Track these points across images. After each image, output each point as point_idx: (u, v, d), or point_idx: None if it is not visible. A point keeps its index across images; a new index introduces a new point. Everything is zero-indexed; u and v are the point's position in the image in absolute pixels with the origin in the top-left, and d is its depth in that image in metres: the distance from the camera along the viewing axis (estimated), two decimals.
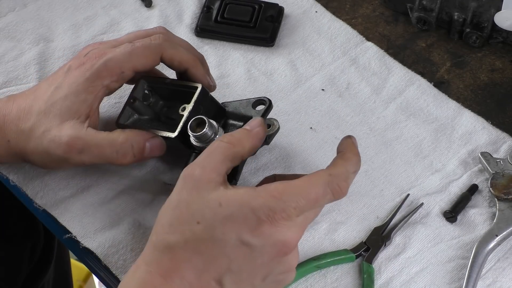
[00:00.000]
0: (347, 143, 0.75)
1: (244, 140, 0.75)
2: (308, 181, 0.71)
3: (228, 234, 0.69)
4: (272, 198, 0.70)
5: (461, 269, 0.83)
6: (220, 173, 0.72)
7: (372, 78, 0.98)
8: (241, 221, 0.69)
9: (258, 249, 0.70)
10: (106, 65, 0.82)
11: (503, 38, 0.99)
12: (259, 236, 0.69)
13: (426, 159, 0.91)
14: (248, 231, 0.69)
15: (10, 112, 0.84)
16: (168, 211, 0.71)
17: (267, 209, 0.69)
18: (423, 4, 1.00)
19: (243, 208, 0.69)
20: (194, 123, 0.79)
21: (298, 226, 0.71)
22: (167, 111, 0.86)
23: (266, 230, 0.69)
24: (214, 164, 0.72)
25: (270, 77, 0.98)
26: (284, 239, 0.70)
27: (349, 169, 0.73)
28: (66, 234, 0.86)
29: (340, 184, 0.72)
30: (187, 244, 0.69)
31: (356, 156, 0.74)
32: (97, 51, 0.84)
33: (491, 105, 0.96)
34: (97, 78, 0.82)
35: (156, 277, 0.70)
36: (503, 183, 0.87)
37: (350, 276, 0.83)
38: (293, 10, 1.04)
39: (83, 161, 0.83)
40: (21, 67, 0.99)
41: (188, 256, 0.69)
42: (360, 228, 0.86)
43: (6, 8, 1.05)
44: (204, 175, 0.71)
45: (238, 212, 0.69)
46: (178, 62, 0.85)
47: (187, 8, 1.05)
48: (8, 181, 0.89)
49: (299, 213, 0.70)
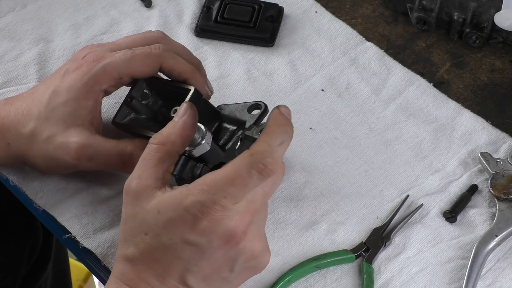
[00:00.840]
0: (272, 115, 0.73)
1: (173, 135, 0.73)
2: (232, 166, 0.70)
3: (173, 238, 0.69)
4: (201, 192, 0.69)
5: (461, 269, 0.83)
6: (157, 178, 0.71)
7: (371, 78, 0.98)
8: (179, 223, 0.69)
9: (206, 245, 0.69)
10: (105, 69, 0.82)
11: (503, 38, 0.99)
12: (202, 234, 0.69)
13: (426, 159, 0.91)
14: (189, 231, 0.69)
15: (8, 114, 0.84)
16: (121, 227, 0.73)
17: (199, 205, 0.69)
18: (423, 4, 1.00)
19: (177, 210, 0.69)
20: None
21: (239, 213, 0.69)
22: (165, 111, 0.86)
23: (205, 226, 0.69)
24: (148, 171, 0.72)
25: (270, 77, 0.98)
26: (227, 230, 0.69)
27: (273, 143, 0.71)
28: (65, 234, 0.86)
29: (264, 161, 0.69)
30: (142, 255, 0.70)
31: (280, 126, 0.72)
32: (95, 54, 0.83)
33: (491, 105, 0.96)
34: (95, 82, 0.82)
35: (124, 287, 0.71)
36: (503, 183, 0.87)
37: (350, 277, 0.83)
38: (293, 10, 1.04)
39: (91, 167, 0.84)
40: (21, 67, 0.99)
41: (147, 265, 0.70)
42: (360, 228, 0.86)
43: (6, 8, 1.05)
44: (141, 185, 0.71)
45: (174, 215, 0.69)
46: (178, 73, 0.84)
47: (187, 8, 1.05)
48: (8, 181, 0.89)
49: (233, 200, 0.69)
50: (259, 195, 0.71)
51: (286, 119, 0.72)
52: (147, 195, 0.71)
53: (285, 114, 0.73)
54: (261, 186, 0.70)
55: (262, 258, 0.73)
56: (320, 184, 0.89)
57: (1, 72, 0.99)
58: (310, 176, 0.90)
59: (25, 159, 0.85)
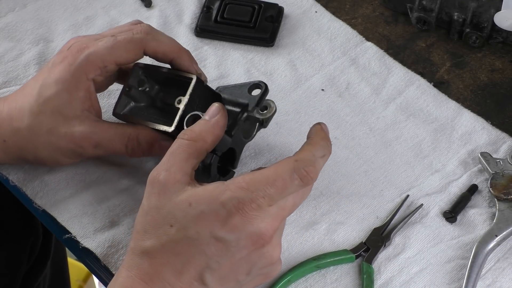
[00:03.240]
0: (315, 129, 0.76)
1: (205, 133, 0.75)
2: (275, 169, 0.71)
3: (201, 232, 0.69)
4: (240, 189, 0.70)
5: (461, 269, 0.83)
6: (186, 173, 0.72)
7: (372, 78, 0.98)
8: (212, 217, 0.69)
9: (233, 243, 0.70)
10: (88, 59, 0.82)
11: (503, 38, 0.99)
12: (232, 230, 0.69)
13: (426, 159, 0.91)
14: (220, 226, 0.69)
15: (1, 112, 0.84)
16: (141, 218, 0.72)
17: (235, 201, 0.69)
18: (423, 4, 1.00)
19: (212, 204, 0.69)
20: (190, 119, 0.79)
21: (271, 216, 0.71)
22: (163, 97, 0.86)
23: (238, 223, 0.69)
24: (178, 165, 0.72)
25: (270, 77, 0.98)
26: (257, 230, 0.70)
27: (316, 154, 0.73)
28: (65, 234, 0.86)
29: (307, 169, 0.71)
30: (163, 248, 0.70)
31: (323, 140, 0.75)
32: (79, 44, 0.83)
33: (491, 105, 0.96)
34: (81, 73, 0.82)
35: (137, 281, 0.70)
36: (503, 183, 0.87)
37: (349, 277, 0.83)
38: (293, 10, 1.04)
39: (97, 154, 0.85)
40: (21, 67, 0.99)
41: (166, 259, 0.70)
42: (359, 228, 0.86)
43: (6, 8, 1.05)
44: (170, 178, 0.71)
45: (208, 209, 0.69)
46: (162, 53, 0.84)
47: (187, 8, 1.05)
48: (8, 181, 0.89)
49: (270, 202, 0.70)
50: (290, 203, 0.72)
51: (327, 135, 0.75)
52: (176, 188, 0.71)
53: (325, 131, 0.76)
54: (294, 195, 0.72)
55: (277, 266, 0.74)
56: (320, 184, 0.89)
57: (1, 72, 0.99)
58: None
59: (25, 154, 0.85)
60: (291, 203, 0.72)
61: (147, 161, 0.90)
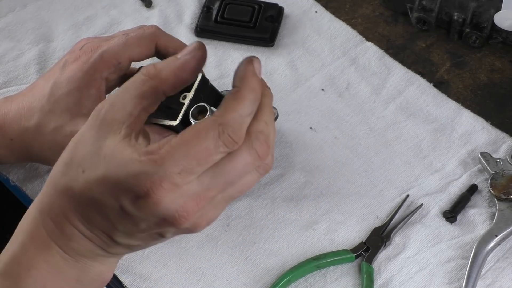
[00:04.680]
0: (243, 72, 0.63)
1: (167, 71, 0.62)
2: (196, 135, 0.59)
3: (106, 196, 0.60)
4: (151, 163, 0.58)
5: (461, 269, 0.83)
6: (129, 113, 0.61)
7: (372, 78, 0.98)
8: (119, 186, 0.59)
9: (139, 217, 0.60)
10: (102, 57, 0.82)
11: (502, 38, 0.99)
12: (140, 209, 0.59)
13: (426, 159, 0.91)
14: (127, 200, 0.59)
15: (9, 111, 0.84)
16: (70, 146, 0.63)
17: (144, 177, 0.58)
18: (422, 4, 1.00)
19: (122, 170, 0.59)
20: (196, 111, 0.79)
21: (191, 196, 0.59)
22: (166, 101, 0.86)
23: (145, 203, 0.59)
24: (124, 101, 0.61)
25: (270, 77, 0.98)
26: (169, 214, 0.59)
27: (243, 112, 0.61)
28: None
29: (233, 133, 0.60)
30: (71, 193, 0.61)
31: (252, 92, 0.62)
32: (92, 44, 0.84)
33: (491, 105, 0.96)
34: (95, 71, 0.82)
35: (48, 221, 0.63)
36: (503, 183, 0.87)
37: (349, 276, 0.83)
38: (293, 10, 1.04)
39: None
40: (21, 67, 0.99)
41: (74, 205, 0.62)
42: (359, 228, 0.86)
43: (6, 8, 1.05)
44: (109, 114, 0.61)
45: (115, 174, 0.59)
46: (173, 49, 0.85)
47: (187, 8, 1.05)
48: (8, 181, 0.90)
49: (188, 177, 0.59)
50: (221, 181, 0.60)
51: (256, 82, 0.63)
52: (109, 129, 0.61)
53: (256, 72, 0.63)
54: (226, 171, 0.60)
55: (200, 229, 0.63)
56: (320, 184, 0.89)
57: (1, 72, 0.99)
58: (310, 176, 0.90)
59: (30, 153, 0.85)
60: (222, 181, 0.60)
61: None
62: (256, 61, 0.64)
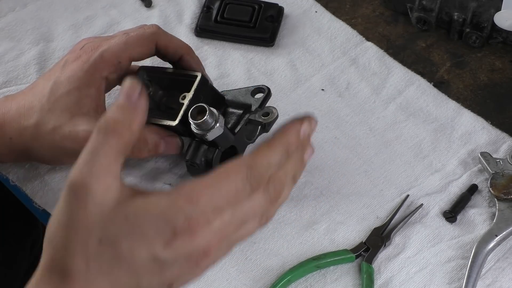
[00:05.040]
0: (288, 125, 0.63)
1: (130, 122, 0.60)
2: (227, 175, 0.60)
3: (137, 250, 0.58)
4: (189, 204, 0.58)
5: (461, 269, 0.83)
6: (116, 176, 0.59)
7: (372, 78, 0.98)
8: (153, 234, 0.58)
9: (170, 262, 0.59)
10: (103, 56, 0.83)
11: (503, 38, 0.99)
12: (173, 250, 0.58)
13: (426, 159, 0.91)
14: (160, 245, 0.58)
15: (9, 110, 0.84)
16: (60, 231, 0.59)
17: (183, 219, 0.58)
18: (423, 4, 1.00)
19: (155, 219, 0.58)
20: (195, 111, 0.80)
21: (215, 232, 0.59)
22: (166, 101, 0.87)
23: (181, 241, 0.58)
24: (106, 167, 0.58)
25: (270, 77, 0.98)
26: (198, 250, 0.59)
27: (273, 161, 0.61)
28: None
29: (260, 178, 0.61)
30: (88, 268, 0.58)
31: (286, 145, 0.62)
32: (93, 44, 0.84)
33: (491, 105, 0.96)
34: (95, 70, 0.83)
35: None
36: (503, 183, 0.87)
37: (349, 276, 0.83)
38: (293, 10, 1.04)
39: None
40: (21, 67, 0.99)
41: (91, 280, 0.58)
42: (359, 228, 0.86)
43: (6, 8, 1.05)
44: (98, 183, 0.58)
45: (149, 225, 0.58)
46: (173, 49, 0.85)
47: (187, 8, 1.05)
48: (8, 180, 0.89)
49: (219, 213, 0.59)
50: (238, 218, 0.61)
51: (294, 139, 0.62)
52: (107, 197, 0.58)
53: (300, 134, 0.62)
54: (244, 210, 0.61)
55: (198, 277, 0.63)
56: (320, 184, 0.89)
57: (1, 72, 0.99)
58: (310, 176, 0.90)
59: (30, 152, 0.85)
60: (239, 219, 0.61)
61: (147, 161, 0.90)
62: (307, 123, 0.63)
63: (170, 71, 0.87)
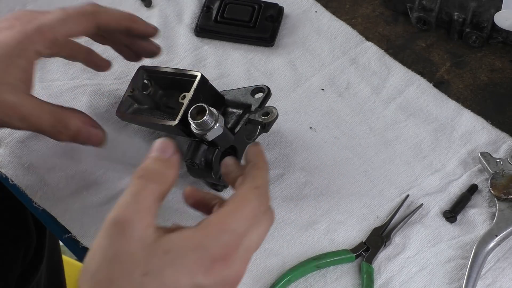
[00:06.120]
0: (255, 152, 0.71)
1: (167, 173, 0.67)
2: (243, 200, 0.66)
3: (180, 279, 0.62)
4: (222, 232, 0.64)
5: (461, 269, 0.83)
6: (155, 216, 0.65)
7: (372, 78, 0.98)
8: (193, 264, 0.63)
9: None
10: (40, 29, 0.81)
11: (503, 38, 0.99)
12: (213, 275, 0.63)
13: (426, 159, 0.91)
14: (201, 273, 0.63)
15: None
16: (105, 265, 0.63)
17: (219, 245, 0.63)
18: (423, 4, 1.00)
19: (195, 250, 0.63)
20: (195, 111, 0.79)
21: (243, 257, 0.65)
22: (166, 101, 0.87)
23: (219, 267, 0.63)
24: (148, 208, 0.65)
25: (270, 77, 0.98)
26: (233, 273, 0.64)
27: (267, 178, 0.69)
28: (65, 233, 0.86)
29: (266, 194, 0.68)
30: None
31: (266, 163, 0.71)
32: (29, 16, 0.82)
33: (491, 105, 0.96)
34: (30, 42, 0.80)
35: None
36: (503, 183, 0.87)
37: (349, 276, 0.83)
38: (293, 10, 1.04)
39: (21, 128, 0.82)
40: None
41: None
42: (359, 228, 0.86)
43: (6, 8, 1.05)
44: (142, 221, 0.63)
45: (189, 255, 0.63)
46: (116, 22, 0.83)
47: (187, 8, 1.05)
48: (7, 180, 0.89)
49: (245, 233, 0.65)
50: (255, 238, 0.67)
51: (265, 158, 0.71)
52: (148, 233, 0.63)
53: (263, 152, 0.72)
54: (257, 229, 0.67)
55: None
56: (320, 184, 0.89)
57: None
58: (310, 176, 0.90)
59: None
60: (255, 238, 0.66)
61: None
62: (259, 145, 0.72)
63: (170, 71, 0.87)
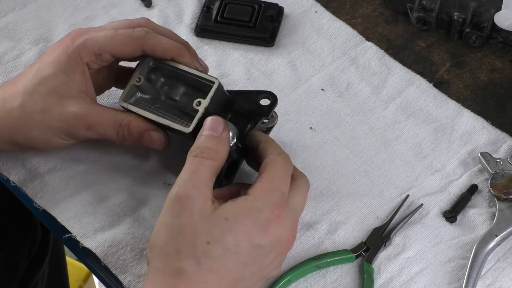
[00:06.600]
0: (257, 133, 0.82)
1: (221, 150, 0.76)
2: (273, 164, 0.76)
3: (241, 243, 0.71)
4: (269, 192, 0.73)
5: (461, 269, 0.83)
6: (211, 189, 0.74)
7: (372, 78, 0.98)
8: (250, 226, 0.72)
9: (267, 248, 0.73)
10: (86, 44, 0.83)
11: (503, 38, 0.99)
12: (270, 235, 0.72)
13: (426, 159, 0.91)
14: (258, 234, 0.72)
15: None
16: (171, 238, 0.71)
17: (270, 205, 0.72)
18: (423, 4, 1.00)
19: (250, 213, 0.72)
20: None
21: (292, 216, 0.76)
22: (168, 90, 0.86)
23: (274, 226, 0.73)
24: (205, 183, 0.73)
25: (270, 77, 0.98)
26: (288, 233, 0.74)
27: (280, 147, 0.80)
28: (65, 234, 0.86)
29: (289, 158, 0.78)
30: (200, 266, 0.70)
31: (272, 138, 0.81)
32: (79, 32, 0.85)
33: (491, 105, 0.96)
34: (78, 55, 0.83)
35: None
36: (503, 183, 0.87)
37: (350, 276, 0.83)
38: (293, 10, 1.04)
39: (89, 136, 0.85)
40: (21, 67, 0.99)
41: (202, 277, 0.70)
42: (360, 228, 0.86)
43: (6, 8, 1.05)
44: (201, 195, 0.72)
45: (246, 220, 0.72)
46: (162, 52, 0.85)
47: (187, 8, 1.05)
48: (8, 181, 0.90)
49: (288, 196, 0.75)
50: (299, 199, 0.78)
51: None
52: (207, 205, 0.72)
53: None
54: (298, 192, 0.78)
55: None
56: (320, 184, 0.89)
57: (1, 72, 0.99)
58: (310, 176, 0.89)
59: (16, 136, 0.84)
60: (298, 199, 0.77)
61: (147, 161, 0.90)
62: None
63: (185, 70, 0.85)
